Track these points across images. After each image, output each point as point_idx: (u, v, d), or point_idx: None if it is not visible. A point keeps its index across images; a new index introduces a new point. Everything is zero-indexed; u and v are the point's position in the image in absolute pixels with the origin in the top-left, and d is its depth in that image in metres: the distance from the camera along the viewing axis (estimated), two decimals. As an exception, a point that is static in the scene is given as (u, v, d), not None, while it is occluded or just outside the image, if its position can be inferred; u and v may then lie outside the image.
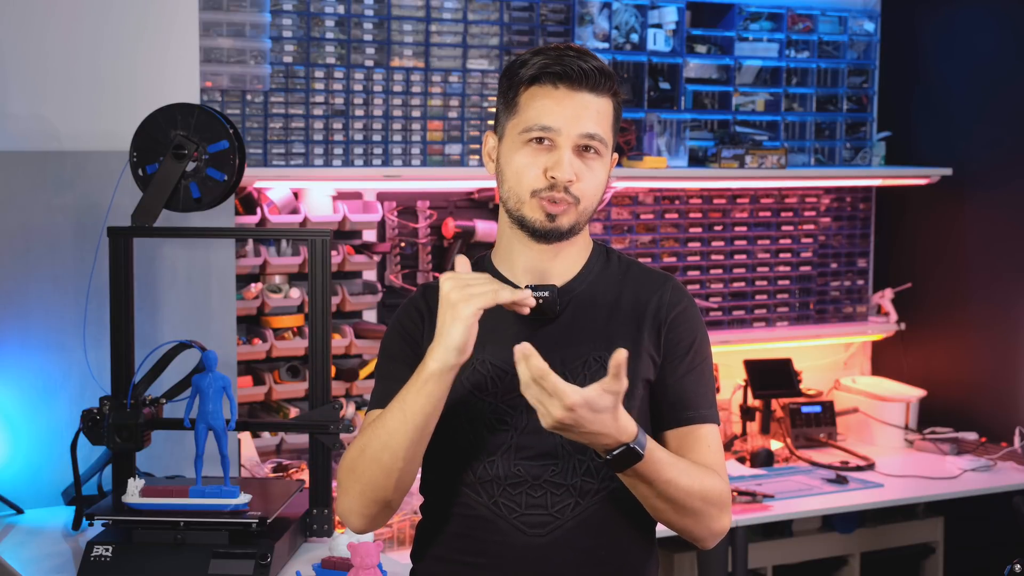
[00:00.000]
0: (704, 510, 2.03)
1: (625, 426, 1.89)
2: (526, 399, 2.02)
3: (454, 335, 1.94)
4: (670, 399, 2.12)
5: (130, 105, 3.20)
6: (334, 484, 2.93)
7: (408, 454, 2.00)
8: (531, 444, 2.08)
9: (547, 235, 2.09)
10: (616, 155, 2.19)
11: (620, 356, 1.84)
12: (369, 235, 4.08)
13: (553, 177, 2.05)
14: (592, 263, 2.19)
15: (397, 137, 3.95)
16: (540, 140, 2.07)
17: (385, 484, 2.03)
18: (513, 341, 1.98)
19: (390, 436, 1.99)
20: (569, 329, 2.11)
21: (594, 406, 1.84)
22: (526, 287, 2.09)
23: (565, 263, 2.16)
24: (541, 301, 2.07)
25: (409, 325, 2.17)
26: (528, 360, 1.84)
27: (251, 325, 3.91)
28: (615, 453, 1.90)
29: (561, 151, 2.06)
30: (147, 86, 3.32)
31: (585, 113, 2.07)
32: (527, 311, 2.00)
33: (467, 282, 1.96)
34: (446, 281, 1.97)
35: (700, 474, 2.03)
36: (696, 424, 2.11)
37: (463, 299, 1.94)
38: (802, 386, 4.67)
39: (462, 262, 2.03)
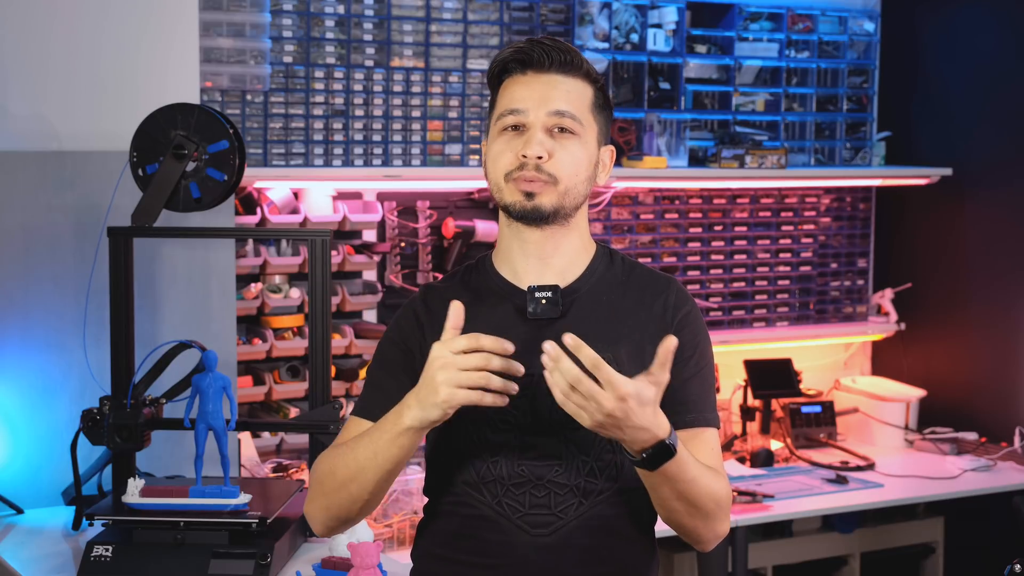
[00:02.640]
0: (715, 512, 2.04)
1: (661, 422, 1.90)
2: (529, 400, 2.04)
3: (433, 413, 1.92)
4: (673, 402, 2.07)
5: (130, 105, 3.21)
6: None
7: (376, 488, 2.03)
8: (535, 444, 2.07)
9: (528, 216, 2.09)
10: (611, 149, 2.18)
11: (670, 344, 1.87)
12: (369, 235, 4.07)
13: (524, 156, 2.06)
14: (595, 264, 2.18)
15: (397, 137, 3.95)
16: (515, 128, 2.08)
17: (350, 508, 2.07)
18: (516, 341, 1.99)
19: (360, 471, 2.01)
20: (572, 329, 2.02)
21: (642, 398, 1.85)
22: (528, 287, 2.10)
23: (566, 261, 2.15)
24: (544, 301, 2.07)
25: (407, 330, 2.16)
26: (580, 351, 1.83)
27: (251, 325, 3.90)
28: (651, 451, 1.90)
29: (532, 132, 2.07)
30: (147, 86, 3.32)
31: (554, 93, 2.08)
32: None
33: (458, 364, 1.89)
34: (436, 359, 1.90)
35: (713, 476, 2.04)
36: (699, 427, 2.11)
37: (449, 384, 1.88)
38: (802, 386, 4.66)
39: (457, 312, 1.94)
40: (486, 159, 2.15)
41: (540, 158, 2.06)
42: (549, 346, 1.85)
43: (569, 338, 1.84)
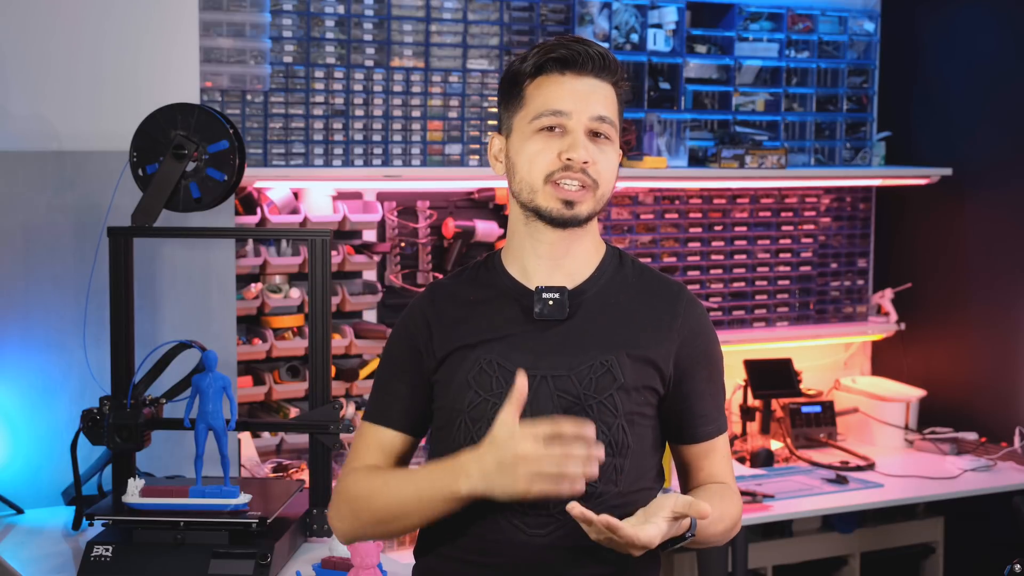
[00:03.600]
0: (726, 537, 2.16)
1: (682, 527, 1.98)
2: (531, 402, 2.04)
3: (502, 494, 1.94)
4: (689, 414, 2.14)
5: (130, 105, 3.21)
6: (334, 484, 2.94)
7: (418, 527, 2.11)
8: None
9: (566, 222, 2.07)
10: (620, 152, 2.17)
11: (704, 511, 1.93)
12: (369, 235, 4.06)
13: (569, 159, 2.04)
14: (605, 266, 2.17)
15: (397, 137, 3.94)
16: (552, 128, 2.06)
17: (383, 535, 2.18)
18: (521, 342, 2.04)
19: (404, 515, 2.06)
20: (578, 332, 2.10)
21: (666, 534, 1.94)
22: (536, 288, 2.09)
23: (577, 262, 2.14)
24: (552, 303, 2.07)
25: (414, 330, 2.16)
26: (593, 523, 1.90)
27: (251, 325, 3.89)
28: (669, 544, 2.00)
29: (575, 134, 2.05)
30: (147, 86, 3.31)
31: (594, 96, 2.07)
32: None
33: (543, 460, 1.90)
34: (522, 453, 1.90)
35: (727, 509, 2.13)
36: (713, 439, 2.18)
37: (532, 479, 1.91)
38: (802, 386, 4.65)
39: (521, 385, 1.95)
40: (516, 158, 2.10)
41: (586, 162, 2.04)
42: (577, 512, 1.90)
43: (575, 509, 1.90)
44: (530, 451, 1.89)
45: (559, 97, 2.06)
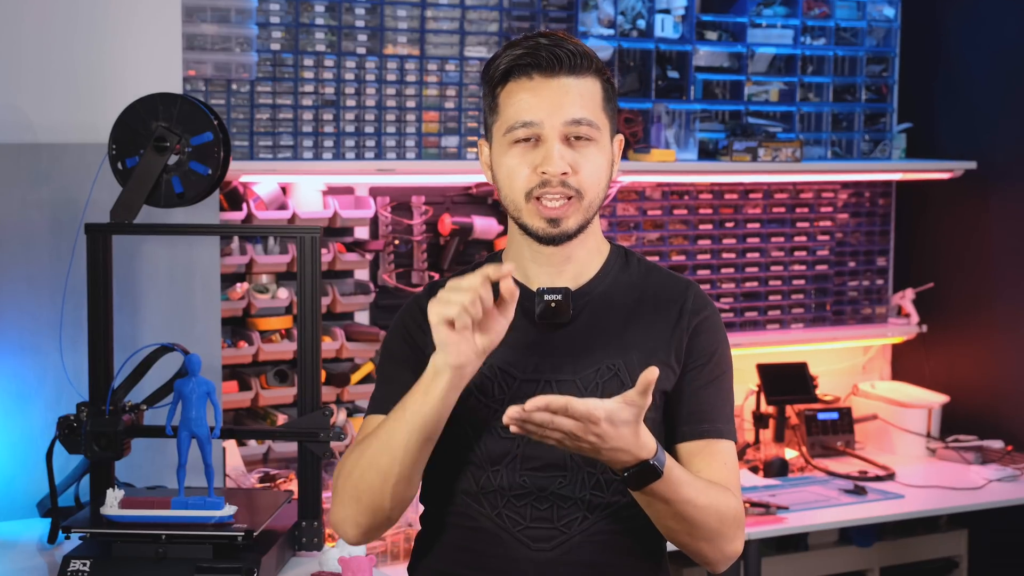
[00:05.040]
0: (719, 531, 2.03)
1: (645, 442, 1.89)
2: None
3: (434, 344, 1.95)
4: (686, 411, 2.11)
5: (109, 95, 3.20)
6: (325, 495, 2.99)
7: (406, 459, 1.98)
8: (538, 455, 2.05)
9: (555, 240, 2.08)
10: (621, 138, 2.16)
11: (651, 375, 1.84)
12: (361, 232, 4.07)
13: (544, 172, 2.03)
14: (610, 265, 2.17)
15: (391, 129, 3.93)
16: (527, 139, 2.05)
17: (382, 489, 2.01)
18: (523, 345, 2.06)
19: (389, 437, 1.98)
20: (583, 334, 2.10)
21: (614, 419, 1.84)
22: (538, 289, 2.10)
23: (580, 265, 2.15)
24: (554, 304, 2.08)
25: (411, 325, 2.17)
26: (550, 404, 1.81)
27: (236, 327, 3.90)
28: (632, 470, 1.90)
29: (549, 144, 2.04)
30: (127, 75, 3.30)
31: (566, 99, 2.05)
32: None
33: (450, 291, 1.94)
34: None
35: (716, 494, 2.03)
36: (712, 439, 2.11)
37: (434, 306, 1.93)
38: (818, 391, 4.62)
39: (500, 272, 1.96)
40: (496, 172, 2.12)
41: (564, 174, 2.04)
42: (508, 420, 1.84)
43: (515, 411, 1.82)
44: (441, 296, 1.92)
45: (529, 106, 2.05)
